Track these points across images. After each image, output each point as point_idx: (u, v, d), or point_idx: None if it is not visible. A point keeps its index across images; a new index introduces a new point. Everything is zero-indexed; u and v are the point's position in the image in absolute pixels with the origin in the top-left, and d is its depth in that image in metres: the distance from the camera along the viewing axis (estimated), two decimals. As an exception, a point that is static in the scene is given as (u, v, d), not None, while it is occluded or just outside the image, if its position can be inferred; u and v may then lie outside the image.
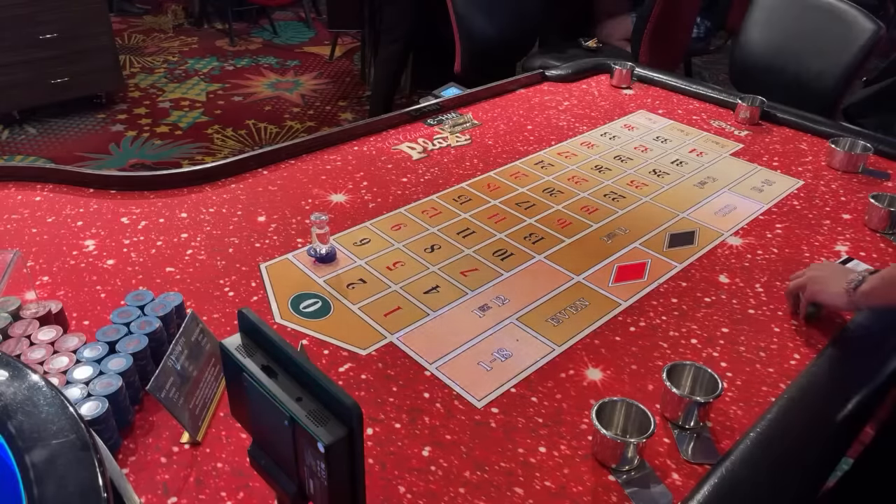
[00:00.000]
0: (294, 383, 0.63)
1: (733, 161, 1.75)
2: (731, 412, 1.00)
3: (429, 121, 1.88)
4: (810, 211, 1.53)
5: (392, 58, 3.64)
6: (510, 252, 1.35)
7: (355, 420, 0.59)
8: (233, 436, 0.92)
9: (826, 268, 1.17)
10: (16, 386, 0.63)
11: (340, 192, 1.52)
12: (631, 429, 0.92)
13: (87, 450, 0.57)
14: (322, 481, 0.61)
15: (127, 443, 0.90)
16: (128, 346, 0.96)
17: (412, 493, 0.86)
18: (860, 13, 2.23)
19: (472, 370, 1.05)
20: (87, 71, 3.79)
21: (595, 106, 2.06)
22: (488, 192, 1.56)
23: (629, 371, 1.07)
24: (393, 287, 1.23)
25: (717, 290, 1.26)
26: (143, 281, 1.21)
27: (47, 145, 3.61)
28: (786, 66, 2.37)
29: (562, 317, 1.18)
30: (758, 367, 1.08)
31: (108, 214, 1.39)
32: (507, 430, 0.95)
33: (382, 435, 0.94)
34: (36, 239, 1.31)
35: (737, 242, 1.41)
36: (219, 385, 0.99)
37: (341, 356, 1.07)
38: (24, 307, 1.03)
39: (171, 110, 4.06)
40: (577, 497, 0.86)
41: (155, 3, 5.81)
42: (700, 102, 2.11)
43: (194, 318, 0.98)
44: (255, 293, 1.20)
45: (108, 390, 0.88)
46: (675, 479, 0.89)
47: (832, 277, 1.13)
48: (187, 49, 5.06)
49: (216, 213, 1.42)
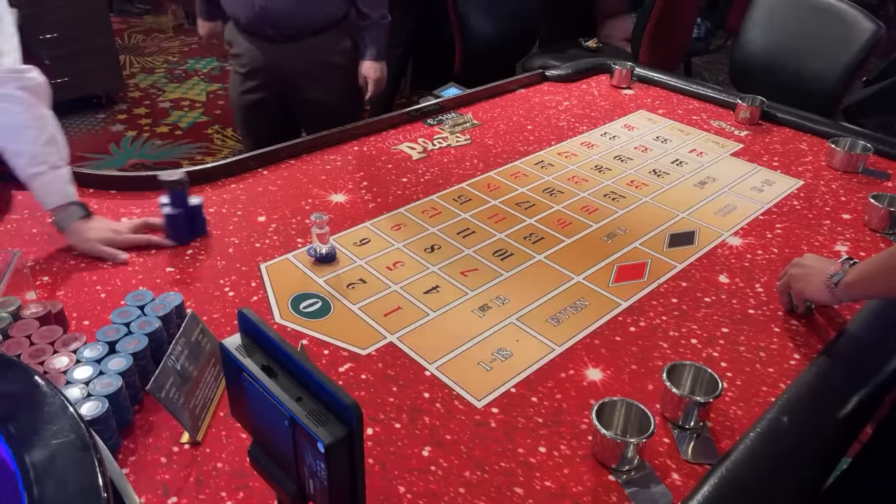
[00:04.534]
0: (294, 383, 0.63)
1: (733, 161, 1.75)
2: (731, 412, 1.00)
3: (429, 121, 1.88)
4: (810, 211, 1.53)
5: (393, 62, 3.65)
6: (510, 252, 1.35)
7: (355, 420, 0.59)
8: (233, 436, 0.92)
9: (806, 263, 1.17)
10: (16, 386, 0.63)
11: (340, 192, 1.52)
12: (631, 429, 0.92)
13: (87, 450, 0.57)
14: (322, 481, 0.61)
15: (127, 443, 0.90)
16: (128, 346, 0.96)
17: (412, 493, 0.86)
18: (860, 13, 2.23)
19: (472, 370, 1.05)
20: (87, 71, 3.79)
21: (595, 106, 2.06)
22: (488, 192, 1.56)
23: (629, 371, 1.07)
24: (393, 287, 1.23)
25: (717, 290, 1.26)
26: (143, 281, 1.21)
27: (47, 145, 3.60)
28: (786, 66, 2.37)
29: (562, 317, 1.18)
30: (758, 367, 1.08)
31: (108, 214, 1.39)
32: (507, 430, 0.95)
33: (382, 435, 0.94)
34: (36, 239, 1.31)
35: (737, 242, 1.41)
36: (219, 385, 0.99)
37: (341, 356, 1.07)
38: (24, 307, 1.03)
39: (171, 110, 4.06)
40: (577, 497, 0.86)
41: (155, 3, 5.81)
42: (700, 102, 2.11)
43: (194, 318, 0.98)
44: (255, 293, 1.20)
45: (108, 390, 0.88)
46: (675, 479, 0.89)
47: (813, 273, 1.14)
48: (187, 49, 5.06)
49: (216, 213, 1.42)
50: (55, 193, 1.26)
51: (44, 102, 1.27)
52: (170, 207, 1.29)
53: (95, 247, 1.26)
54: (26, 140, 1.24)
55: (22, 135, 1.24)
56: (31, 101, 1.24)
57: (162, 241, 1.30)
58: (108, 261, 1.26)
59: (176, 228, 1.30)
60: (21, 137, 1.24)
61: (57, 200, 1.26)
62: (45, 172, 1.24)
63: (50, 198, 1.26)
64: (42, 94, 1.27)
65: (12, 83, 1.23)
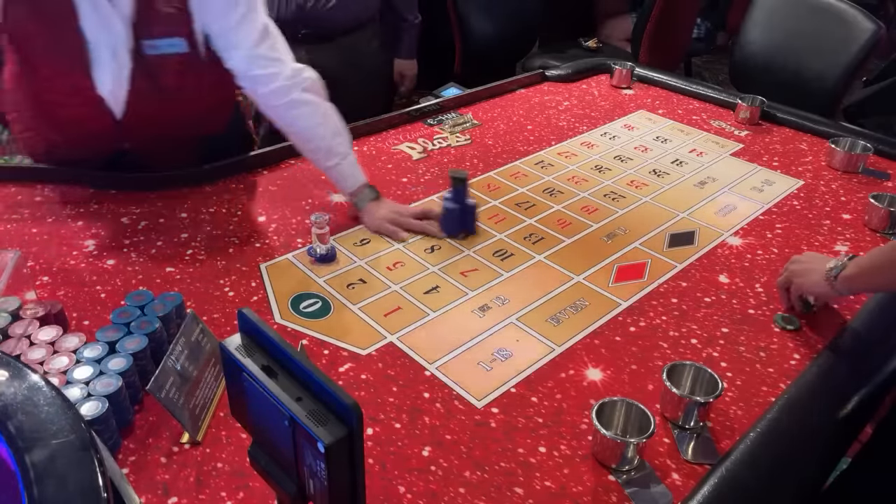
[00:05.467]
0: (294, 383, 0.63)
1: (733, 161, 1.75)
2: (731, 412, 1.00)
3: (429, 121, 1.88)
4: (810, 211, 1.53)
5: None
6: (510, 252, 1.35)
7: (355, 420, 0.59)
8: (233, 436, 0.92)
9: (805, 259, 1.18)
10: (16, 386, 0.63)
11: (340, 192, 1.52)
12: (631, 429, 0.92)
13: (87, 450, 0.57)
14: (322, 481, 0.61)
15: (127, 443, 0.90)
16: (128, 346, 0.96)
17: (412, 493, 0.86)
18: (860, 13, 2.23)
19: (472, 370, 1.05)
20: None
21: (595, 106, 2.06)
22: (488, 192, 1.56)
23: (629, 371, 1.07)
24: (393, 287, 1.23)
25: (717, 290, 1.25)
26: (143, 281, 1.21)
27: (47, 145, 3.60)
28: (786, 67, 2.37)
29: (562, 317, 1.18)
30: (758, 367, 1.08)
31: (108, 214, 1.39)
32: (507, 430, 0.95)
33: (382, 435, 0.94)
34: (36, 239, 1.31)
35: (737, 242, 1.41)
36: (219, 385, 0.99)
37: (341, 356, 1.07)
38: (24, 307, 1.03)
39: (171, 110, 4.05)
40: (577, 497, 0.86)
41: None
42: (700, 102, 2.11)
43: (194, 318, 0.98)
44: (255, 293, 1.20)
45: (108, 390, 0.88)
46: (675, 479, 0.89)
47: (812, 268, 1.14)
48: (187, 49, 5.04)
49: (216, 213, 1.42)
50: (350, 178, 1.39)
51: (322, 96, 1.38)
52: (450, 202, 1.36)
53: (383, 224, 1.37)
54: (319, 137, 1.37)
55: (315, 133, 1.37)
56: (315, 100, 1.36)
57: (436, 231, 1.38)
58: (391, 238, 1.36)
59: (450, 222, 1.38)
60: (314, 136, 1.37)
61: (352, 185, 1.39)
62: (339, 163, 1.37)
63: (346, 183, 1.39)
64: (319, 89, 1.38)
65: (297, 88, 1.34)
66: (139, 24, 1.30)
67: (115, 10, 1.26)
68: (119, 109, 1.37)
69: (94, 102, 1.35)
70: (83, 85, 1.32)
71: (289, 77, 1.34)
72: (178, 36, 1.34)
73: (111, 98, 1.35)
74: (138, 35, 1.31)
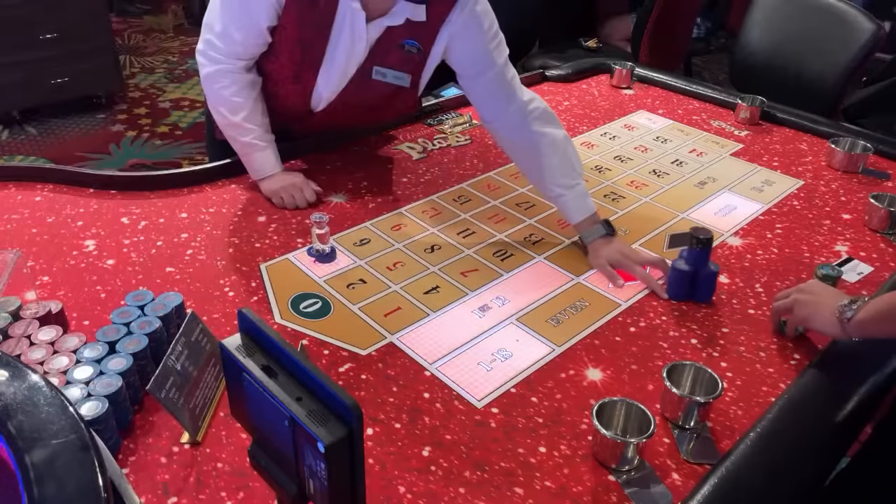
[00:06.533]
0: (294, 383, 0.63)
1: (733, 161, 1.75)
2: (731, 412, 1.00)
3: (429, 121, 1.88)
4: (810, 211, 1.53)
5: None
6: (510, 252, 1.35)
7: (355, 420, 0.59)
8: (233, 436, 0.92)
9: (814, 291, 1.09)
10: (16, 386, 0.63)
11: (340, 192, 1.52)
12: (631, 429, 0.92)
13: (87, 450, 0.57)
14: (322, 481, 0.61)
15: (127, 443, 0.90)
16: (128, 346, 0.96)
17: (412, 493, 0.86)
18: (860, 13, 2.23)
19: (472, 370, 1.05)
20: (86, 71, 3.78)
21: (595, 106, 2.06)
22: (488, 192, 1.56)
23: (629, 371, 1.07)
24: (393, 287, 1.23)
25: (717, 290, 1.25)
26: (143, 281, 1.21)
27: (47, 145, 3.60)
28: (786, 66, 2.37)
29: (562, 317, 1.18)
30: (758, 367, 1.08)
31: (108, 214, 1.39)
32: (507, 430, 0.95)
33: (382, 435, 0.94)
34: (36, 239, 1.31)
35: (737, 242, 1.41)
36: (219, 385, 0.99)
37: (341, 356, 1.07)
38: (24, 307, 1.03)
39: (171, 110, 4.06)
40: (577, 497, 0.86)
41: (155, 3, 5.81)
42: (700, 102, 2.11)
43: (194, 318, 0.98)
44: (255, 293, 1.20)
45: (108, 390, 0.88)
46: (675, 479, 0.89)
47: (822, 303, 1.06)
48: (187, 49, 5.05)
49: (216, 213, 1.42)
50: (575, 212, 1.35)
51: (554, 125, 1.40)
52: (683, 262, 1.20)
53: (605, 266, 1.29)
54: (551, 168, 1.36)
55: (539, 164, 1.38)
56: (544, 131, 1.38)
57: (659, 290, 1.24)
58: (608, 282, 1.27)
59: (677, 283, 1.21)
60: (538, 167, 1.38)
61: (578, 217, 1.35)
62: (563, 195, 1.35)
63: (573, 215, 1.36)
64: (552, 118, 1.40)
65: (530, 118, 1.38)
66: (377, 51, 1.40)
67: (366, 33, 1.36)
68: (320, 106, 1.48)
69: (304, 94, 1.45)
70: (307, 78, 1.42)
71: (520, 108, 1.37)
72: (407, 73, 1.45)
73: (319, 97, 1.46)
74: (373, 60, 1.41)
